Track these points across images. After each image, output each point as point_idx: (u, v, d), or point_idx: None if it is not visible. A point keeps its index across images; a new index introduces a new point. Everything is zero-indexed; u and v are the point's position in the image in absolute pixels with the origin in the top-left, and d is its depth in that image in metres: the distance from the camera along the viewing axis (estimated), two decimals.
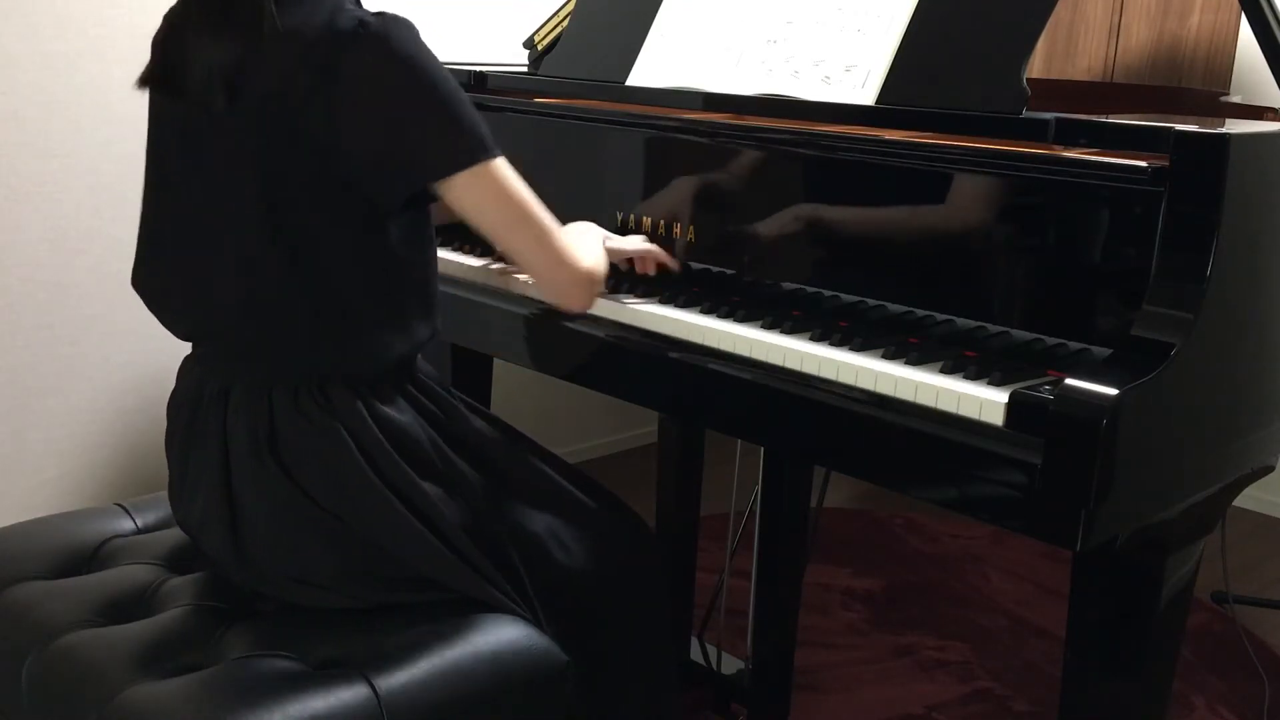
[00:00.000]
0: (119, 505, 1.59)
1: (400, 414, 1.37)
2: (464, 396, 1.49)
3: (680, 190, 1.67)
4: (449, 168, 1.28)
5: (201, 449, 1.37)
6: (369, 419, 1.34)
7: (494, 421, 1.50)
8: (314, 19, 1.26)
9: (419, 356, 1.42)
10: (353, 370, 1.35)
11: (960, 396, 1.24)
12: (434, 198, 1.33)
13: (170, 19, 1.35)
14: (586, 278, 1.39)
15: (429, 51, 1.28)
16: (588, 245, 1.47)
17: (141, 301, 1.42)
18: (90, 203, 2.28)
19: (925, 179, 1.41)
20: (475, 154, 1.28)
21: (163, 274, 1.39)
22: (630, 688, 1.56)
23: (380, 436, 1.34)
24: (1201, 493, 1.34)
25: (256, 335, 1.33)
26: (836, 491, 3.08)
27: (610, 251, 1.57)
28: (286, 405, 1.33)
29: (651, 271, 1.63)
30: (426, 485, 1.35)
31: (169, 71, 1.32)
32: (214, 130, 1.28)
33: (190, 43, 1.28)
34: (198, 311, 1.37)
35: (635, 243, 1.63)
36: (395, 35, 1.25)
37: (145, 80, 1.35)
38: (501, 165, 1.31)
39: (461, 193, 1.30)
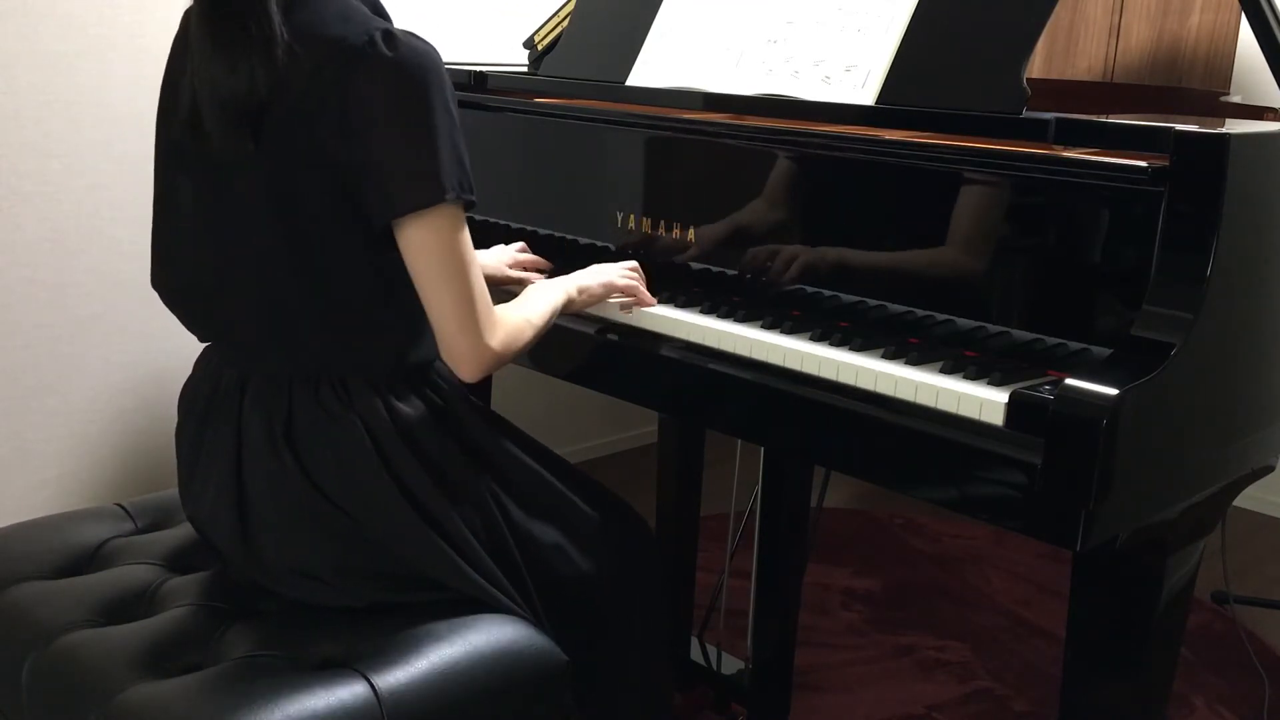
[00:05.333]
0: (119, 505, 1.59)
1: (415, 413, 1.37)
2: (475, 400, 1.49)
3: (680, 190, 1.67)
4: (400, 209, 1.26)
5: (214, 438, 1.37)
6: (385, 415, 1.34)
7: (503, 426, 1.50)
8: (324, 28, 1.26)
9: (437, 360, 1.42)
10: (370, 370, 1.35)
11: (960, 396, 1.24)
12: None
13: (174, 54, 1.34)
14: (489, 356, 1.33)
15: (437, 84, 1.25)
16: (523, 315, 1.41)
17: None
18: (90, 203, 2.28)
19: (925, 179, 1.41)
20: (433, 197, 1.25)
21: (180, 275, 1.39)
22: (628, 686, 1.56)
23: (395, 433, 1.34)
24: (1201, 493, 1.34)
25: (274, 336, 1.34)
26: (836, 491, 3.08)
27: (593, 297, 1.54)
28: (306, 396, 1.33)
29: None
30: (435, 485, 1.36)
31: (189, 112, 1.30)
32: None
33: (203, 76, 1.26)
34: (216, 313, 1.38)
35: (601, 280, 1.55)
36: (405, 63, 1.24)
37: (188, 128, 1.31)
38: (453, 215, 1.28)
39: (409, 232, 1.27)
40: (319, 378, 1.34)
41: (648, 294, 1.57)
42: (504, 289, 1.65)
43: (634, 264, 1.60)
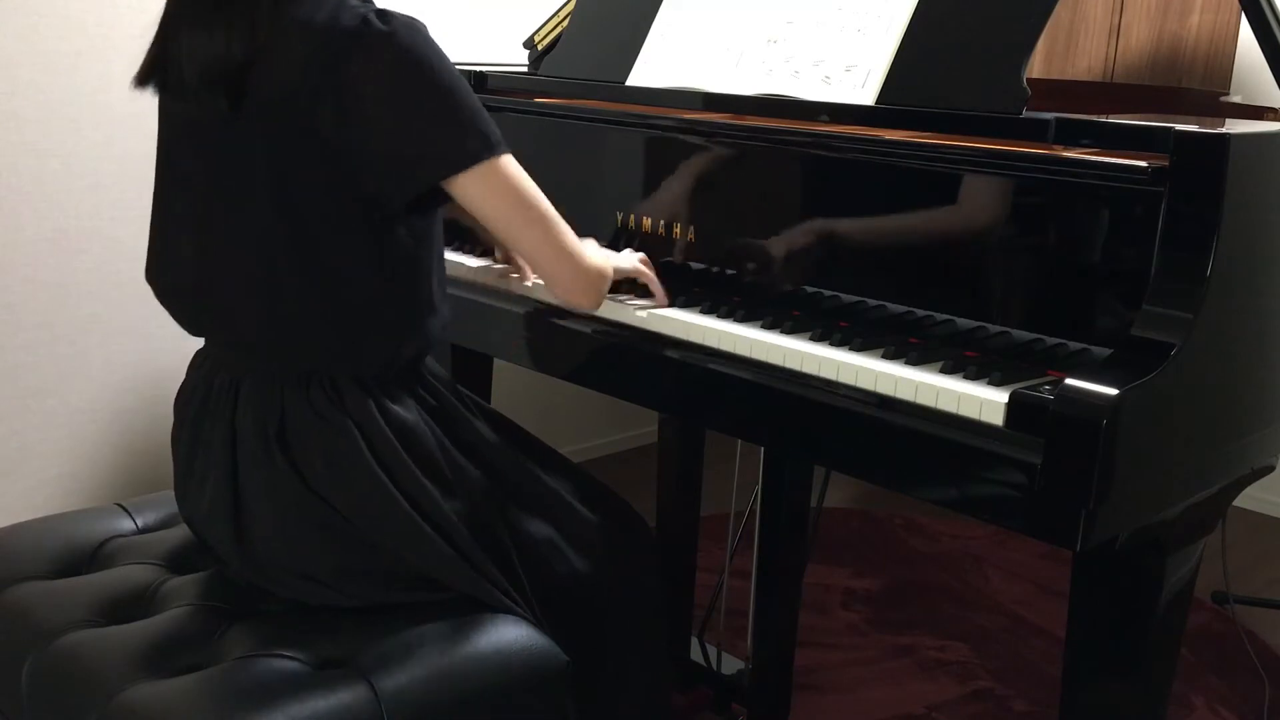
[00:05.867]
0: (119, 505, 1.59)
1: (408, 413, 1.37)
2: (471, 396, 1.49)
3: (680, 190, 1.67)
4: (454, 167, 1.29)
5: (209, 441, 1.37)
6: (378, 416, 1.34)
7: (498, 422, 1.50)
8: (317, 16, 1.26)
9: (428, 357, 1.42)
10: (363, 368, 1.35)
11: (960, 396, 1.24)
12: (443, 200, 1.34)
13: (165, 14, 1.35)
14: (597, 274, 1.39)
15: (436, 51, 1.28)
16: (594, 249, 1.48)
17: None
18: (90, 203, 2.28)
19: (925, 179, 1.41)
20: (480, 153, 1.29)
21: (175, 269, 1.39)
22: (627, 686, 1.56)
23: (388, 433, 1.34)
24: (1201, 493, 1.34)
25: (267, 332, 1.34)
26: (836, 491, 3.08)
27: (619, 268, 1.55)
28: (297, 398, 1.33)
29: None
30: (430, 484, 1.36)
31: (164, 68, 1.32)
32: (224, 130, 1.29)
33: (185, 37, 1.28)
34: (209, 307, 1.38)
35: (631, 261, 1.58)
36: (401, 36, 1.26)
37: (142, 78, 1.35)
38: (508, 163, 1.32)
39: (469, 190, 1.31)
40: (309, 378, 1.34)
41: (663, 293, 1.58)
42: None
43: (646, 260, 1.61)
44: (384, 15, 1.27)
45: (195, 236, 1.35)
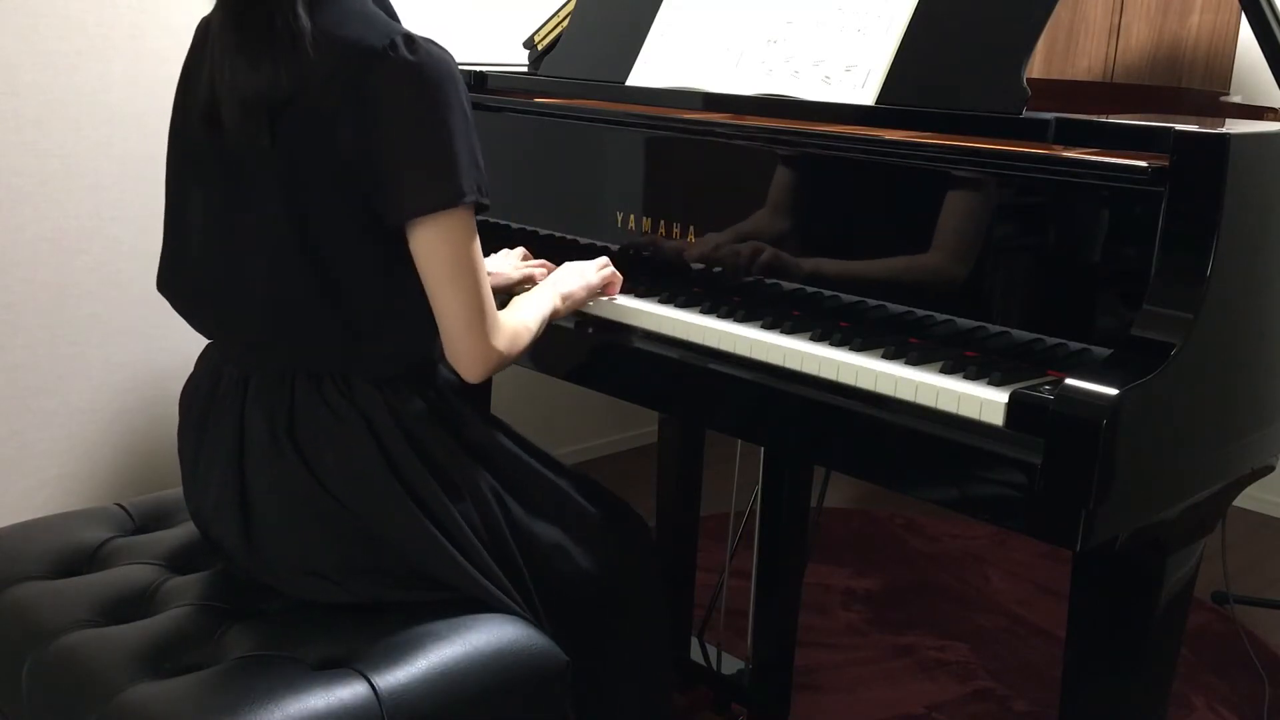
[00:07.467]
0: (119, 505, 1.59)
1: (418, 413, 1.37)
2: (475, 401, 1.49)
3: (680, 190, 1.67)
4: (418, 211, 1.27)
5: (216, 435, 1.38)
6: (388, 413, 1.35)
7: (502, 427, 1.50)
8: (344, 29, 1.27)
9: (439, 363, 1.43)
10: (376, 369, 1.36)
11: (960, 396, 1.24)
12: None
13: (203, 46, 1.35)
14: (494, 356, 1.34)
15: (453, 87, 1.27)
16: (520, 320, 1.42)
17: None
18: (90, 203, 2.28)
19: (925, 179, 1.41)
20: (449, 200, 1.27)
21: (190, 277, 1.40)
22: (627, 687, 1.56)
23: (398, 430, 1.35)
24: (1201, 493, 1.34)
25: (282, 334, 1.34)
26: (836, 491, 3.08)
27: (577, 301, 1.56)
28: (309, 392, 1.34)
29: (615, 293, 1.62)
30: (437, 482, 1.36)
31: (206, 106, 1.31)
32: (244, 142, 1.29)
33: (226, 72, 1.27)
34: (224, 313, 1.38)
35: (594, 274, 1.58)
36: (429, 69, 1.25)
37: (209, 122, 1.31)
38: (467, 218, 1.30)
39: (422, 234, 1.29)
40: (322, 375, 1.34)
41: (618, 277, 1.60)
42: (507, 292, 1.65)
43: (604, 259, 1.62)
44: (413, 41, 1.26)
45: (210, 243, 1.35)
